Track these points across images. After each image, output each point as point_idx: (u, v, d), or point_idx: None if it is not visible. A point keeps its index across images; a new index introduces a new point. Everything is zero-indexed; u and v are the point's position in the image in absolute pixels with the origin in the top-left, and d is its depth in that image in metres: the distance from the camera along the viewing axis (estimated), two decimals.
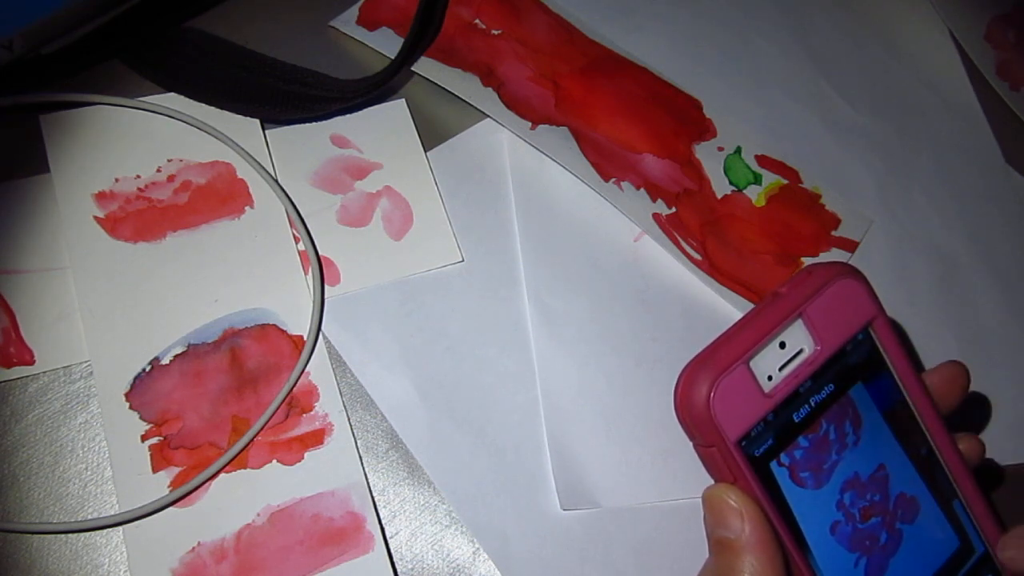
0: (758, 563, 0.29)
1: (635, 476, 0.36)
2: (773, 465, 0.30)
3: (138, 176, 0.38)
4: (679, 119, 0.44)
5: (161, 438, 0.34)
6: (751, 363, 0.30)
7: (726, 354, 0.30)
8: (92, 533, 0.33)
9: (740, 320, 0.32)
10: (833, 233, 0.43)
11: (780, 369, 0.31)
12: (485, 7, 0.45)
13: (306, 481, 0.34)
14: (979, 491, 0.33)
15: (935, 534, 0.32)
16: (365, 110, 0.41)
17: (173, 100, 0.40)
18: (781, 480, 0.30)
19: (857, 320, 0.32)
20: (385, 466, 0.35)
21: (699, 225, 0.42)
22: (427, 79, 0.42)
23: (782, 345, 0.31)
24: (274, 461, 0.34)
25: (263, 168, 0.39)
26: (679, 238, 0.41)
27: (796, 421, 0.31)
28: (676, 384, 0.31)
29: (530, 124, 0.42)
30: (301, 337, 0.36)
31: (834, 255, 0.43)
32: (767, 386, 0.30)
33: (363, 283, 0.38)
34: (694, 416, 0.30)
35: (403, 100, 0.42)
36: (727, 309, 0.40)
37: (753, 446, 0.30)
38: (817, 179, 0.45)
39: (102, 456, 0.34)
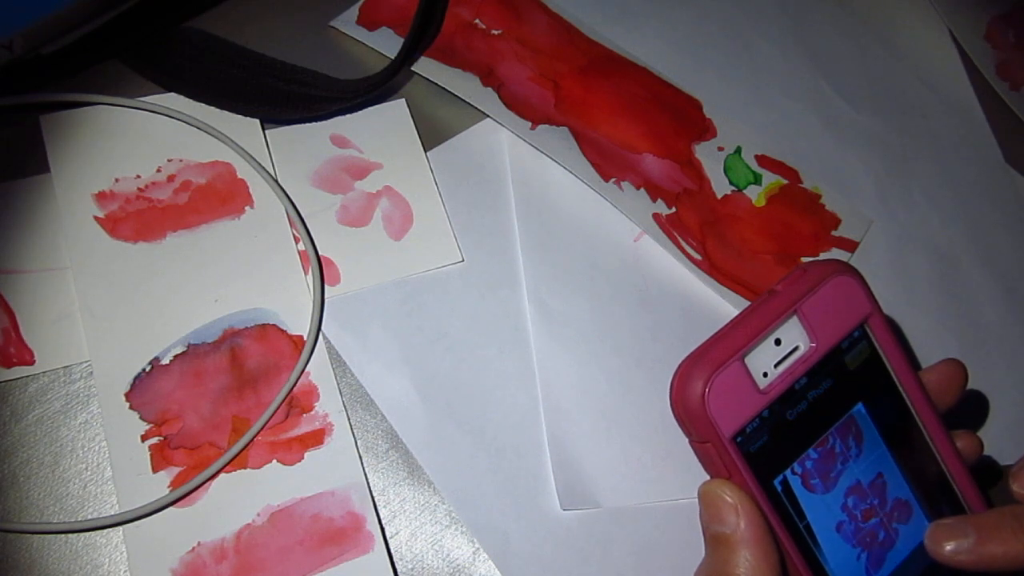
0: (753, 558, 0.29)
1: (635, 476, 0.36)
2: (787, 473, 0.31)
3: (138, 176, 0.38)
4: (679, 119, 0.44)
5: (161, 438, 0.34)
6: (746, 359, 0.30)
7: (721, 350, 0.30)
8: (92, 533, 0.33)
9: (736, 317, 0.32)
10: (833, 233, 0.43)
11: (775, 366, 0.31)
12: (485, 7, 0.45)
13: (306, 481, 0.34)
14: (976, 487, 0.34)
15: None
16: (365, 110, 0.41)
17: (173, 100, 0.40)
18: (794, 485, 0.31)
19: (853, 317, 0.33)
20: (385, 466, 0.35)
21: (699, 225, 0.42)
22: (427, 79, 0.42)
23: (777, 342, 0.31)
24: (274, 461, 0.34)
25: (263, 168, 0.39)
26: (679, 238, 0.41)
27: (791, 418, 0.31)
28: (671, 380, 0.31)
29: (530, 124, 0.42)
30: (301, 337, 0.36)
31: (834, 255, 0.43)
32: (762, 383, 0.31)
33: (363, 283, 0.38)
34: (689, 412, 0.30)
35: (403, 100, 0.42)
36: (727, 309, 0.40)
37: (748, 442, 0.30)
38: (817, 179, 0.45)
39: (102, 456, 0.34)
